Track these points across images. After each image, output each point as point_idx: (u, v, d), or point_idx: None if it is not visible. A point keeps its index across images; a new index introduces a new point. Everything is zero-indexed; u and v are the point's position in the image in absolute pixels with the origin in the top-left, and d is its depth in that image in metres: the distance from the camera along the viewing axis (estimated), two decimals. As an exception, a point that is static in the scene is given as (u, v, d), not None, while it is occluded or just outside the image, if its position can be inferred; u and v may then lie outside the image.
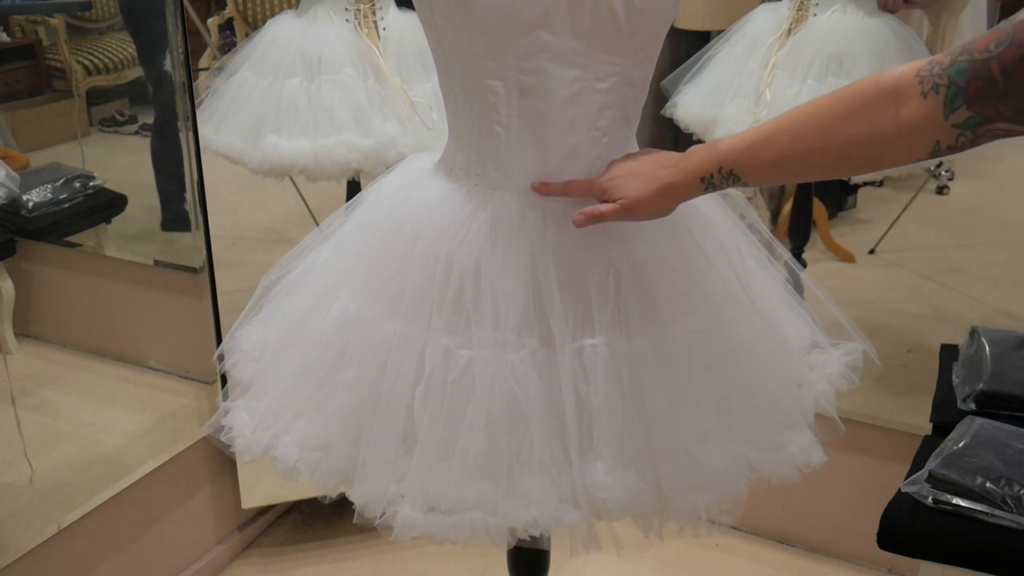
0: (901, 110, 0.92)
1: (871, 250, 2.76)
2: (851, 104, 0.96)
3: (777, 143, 1.00)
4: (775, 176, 1.04)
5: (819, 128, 0.97)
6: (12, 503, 2.02)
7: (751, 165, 1.03)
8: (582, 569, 2.30)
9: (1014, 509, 1.51)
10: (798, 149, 0.99)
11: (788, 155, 1.00)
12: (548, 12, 1.07)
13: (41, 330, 2.52)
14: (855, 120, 0.95)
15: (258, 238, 2.61)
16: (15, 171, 2.19)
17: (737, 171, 1.03)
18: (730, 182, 1.04)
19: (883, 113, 0.93)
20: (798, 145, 0.99)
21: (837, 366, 1.31)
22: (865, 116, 0.94)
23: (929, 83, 0.91)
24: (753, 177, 1.03)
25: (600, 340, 1.14)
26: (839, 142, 0.96)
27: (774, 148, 1.01)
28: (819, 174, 1.04)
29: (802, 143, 0.99)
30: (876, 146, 0.94)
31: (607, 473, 1.11)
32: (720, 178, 1.05)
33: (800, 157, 0.99)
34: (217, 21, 2.48)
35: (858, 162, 0.97)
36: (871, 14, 2.17)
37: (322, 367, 1.21)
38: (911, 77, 0.92)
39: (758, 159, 1.02)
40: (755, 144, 1.02)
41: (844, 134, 0.95)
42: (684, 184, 1.07)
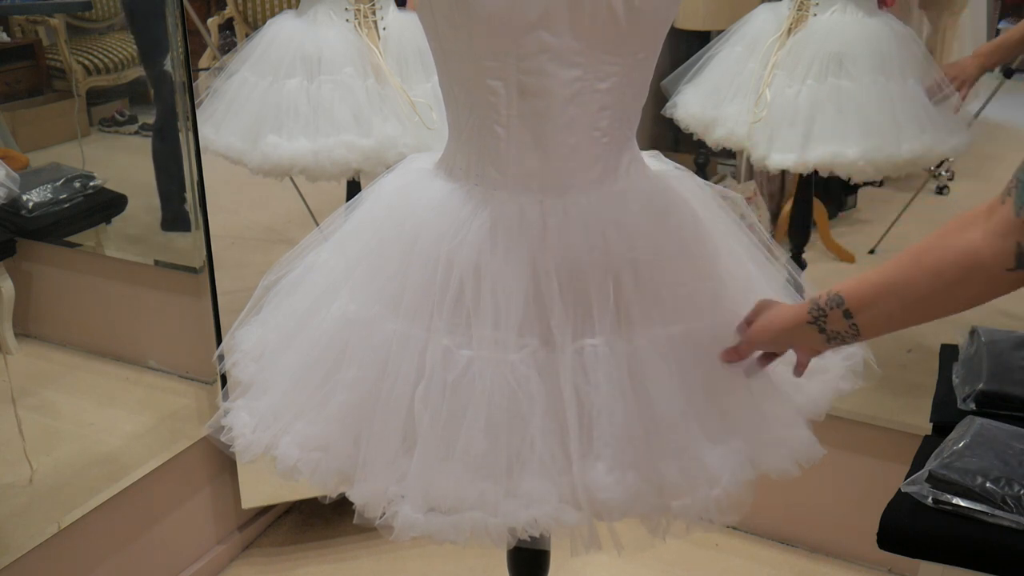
0: (988, 222, 0.96)
1: (871, 250, 2.76)
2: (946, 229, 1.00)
3: (879, 270, 1.05)
4: (875, 302, 1.05)
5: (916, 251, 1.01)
6: (12, 503, 2.02)
7: (854, 288, 1.06)
8: (582, 569, 2.30)
9: (1014, 509, 1.51)
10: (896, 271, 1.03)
11: (887, 277, 1.03)
12: (548, 12, 1.07)
13: (41, 330, 2.52)
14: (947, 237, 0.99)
15: (258, 238, 2.61)
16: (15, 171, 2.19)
17: (842, 292, 1.07)
18: (834, 304, 1.07)
19: (973, 228, 0.97)
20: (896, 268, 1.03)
21: (837, 369, 1.31)
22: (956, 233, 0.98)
23: (1005, 191, 0.95)
24: (855, 300, 1.06)
25: (600, 340, 1.14)
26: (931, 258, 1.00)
27: (876, 273, 1.05)
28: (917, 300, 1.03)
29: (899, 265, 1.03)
30: (964, 257, 0.97)
31: (608, 473, 1.11)
32: (826, 299, 1.08)
33: (897, 278, 1.02)
34: (217, 21, 2.49)
35: (950, 279, 0.99)
36: (871, 14, 2.17)
37: (322, 367, 1.21)
38: (995, 197, 0.96)
39: (861, 283, 1.06)
40: (864, 274, 1.06)
41: (936, 251, 0.99)
42: (793, 311, 1.12)
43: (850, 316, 1.06)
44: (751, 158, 2.22)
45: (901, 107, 2.11)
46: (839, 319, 1.07)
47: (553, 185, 1.17)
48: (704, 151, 2.80)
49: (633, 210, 1.19)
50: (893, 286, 1.02)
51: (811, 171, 2.16)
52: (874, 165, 2.10)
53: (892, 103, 2.11)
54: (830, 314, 1.07)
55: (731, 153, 2.64)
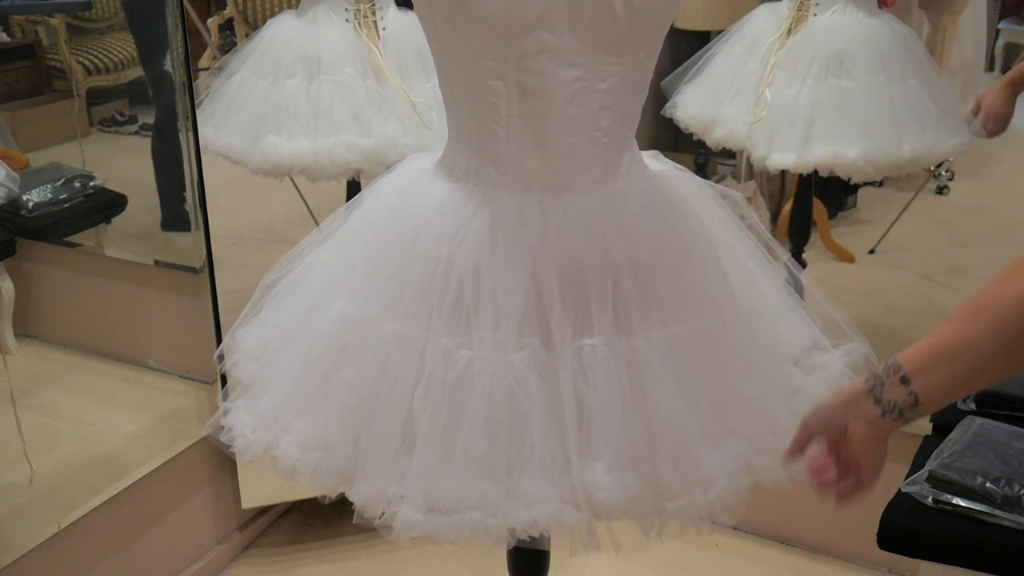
0: None
1: (871, 250, 2.76)
2: (997, 279, 0.94)
3: (935, 332, 0.97)
4: (936, 365, 0.96)
5: (971, 306, 0.95)
6: (12, 503, 2.02)
7: (912, 354, 0.97)
8: (582, 569, 2.30)
9: (1014, 509, 1.51)
10: (954, 329, 0.96)
11: (946, 337, 0.96)
12: (548, 12, 1.07)
13: (41, 330, 2.52)
14: (1001, 286, 0.93)
15: (258, 238, 2.61)
16: (15, 171, 2.20)
17: (900, 358, 0.98)
18: (892, 372, 0.97)
19: None
20: (953, 326, 0.96)
21: (838, 367, 1.31)
22: (1010, 280, 0.93)
23: None
24: (914, 366, 0.97)
25: (600, 340, 1.14)
26: (988, 309, 0.93)
27: (933, 336, 0.97)
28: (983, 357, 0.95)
29: (957, 322, 0.95)
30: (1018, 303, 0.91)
31: (606, 473, 1.11)
32: (884, 367, 0.98)
33: (957, 336, 0.95)
34: (217, 21, 2.48)
35: (1014, 328, 0.92)
36: (871, 14, 2.17)
37: (322, 367, 1.21)
38: None
39: (919, 348, 0.97)
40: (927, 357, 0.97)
41: (993, 301, 0.93)
42: (851, 385, 1.01)
43: (908, 382, 0.96)
44: (751, 158, 2.22)
45: (901, 107, 2.11)
46: (896, 386, 0.97)
47: (553, 185, 1.17)
48: (704, 151, 2.80)
49: (633, 210, 1.19)
50: (953, 347, 0.94)
51: (811, 171, 2.16)
52: (874, 165, 2.10)
53: (892, 103, 2.11)
54: (887, 382, 0.98)
55: (731, 153, 2.64)
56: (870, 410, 0.99)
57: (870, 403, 0.99)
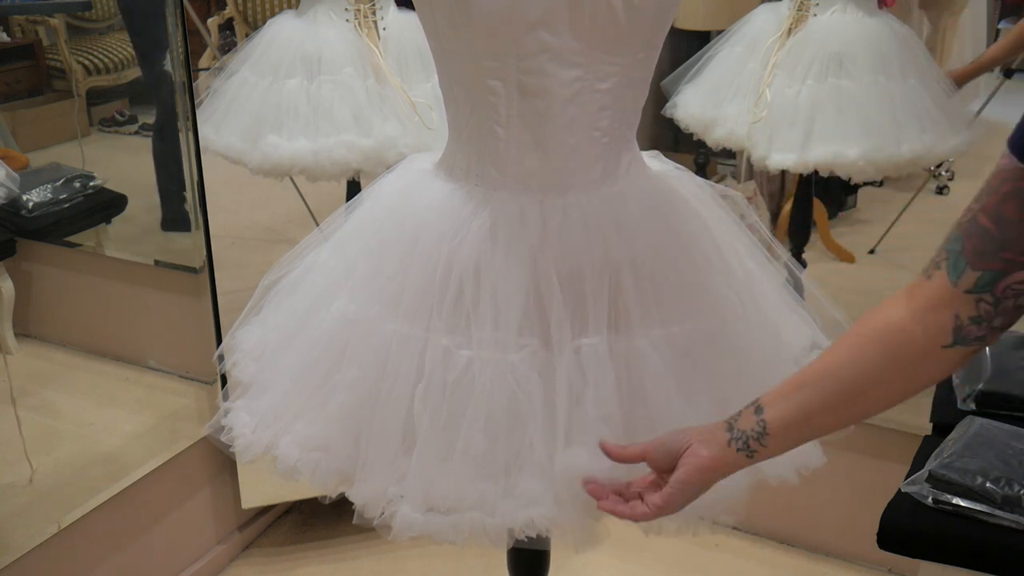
0: (912, 300, 0.88)
1: (871, 250, 2.76)
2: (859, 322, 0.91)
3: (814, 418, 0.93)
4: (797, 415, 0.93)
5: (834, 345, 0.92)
6: (12, 503, 2.02)
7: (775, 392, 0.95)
8: (582, 569, 2.30)
9: (1014, 509, 1.51)
10: (816, 368, 0.93)
11: (807, 373, 0.93)
12: (548, 12, 1.07)
13: (41, 330, 2.52)
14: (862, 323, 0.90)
15: (258, 238, 2.61)
16: (15, 171, 2.20)
17: (761, 401, 0.94)
18: (752, 402, 0.96)
19: (892, 308, 0.89)
20: (816, 365, 0.93)
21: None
22: (870, 317, 0.90)
23: (931, 266, 0.88)
24: (768, 396, 0.94)
25: (599, 340, 1.14)
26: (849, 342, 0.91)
27: (796, 376, 0.94)
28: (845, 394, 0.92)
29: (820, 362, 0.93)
30: (889, 337, 0.88)
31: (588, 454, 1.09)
32: (750, 407, 0.95)
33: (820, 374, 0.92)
34: (217, 21, 2.49)
35: (880, 363, 0.89)
36: (871, 14, 2.17)
37: (322, 367, 1.21)
38: (916, 278, 0.89)
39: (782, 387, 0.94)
40: (786, 388, 0.94)
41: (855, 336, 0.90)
42: (708, 430, 0.98)
43: (760, 412, 0.93)
44: (751, 158, 2.22)
45: (901, 107, 2.11)
46: (750, 416, 0.94)
47: (553, 185, 1.17)
48: (704, 151, 2.80)
49: (633, 210, 1.19)
50: (810, 376, 0.92)
51: (811, 171, 2.16)
52: (874, 165, 2.10)
53: (892, 103, 2.11)
54: (744, 412, 0.95)
55: (731, 153, 2.64)
56: (720, 435, 0.96)
57: (723, 430, 0.96)
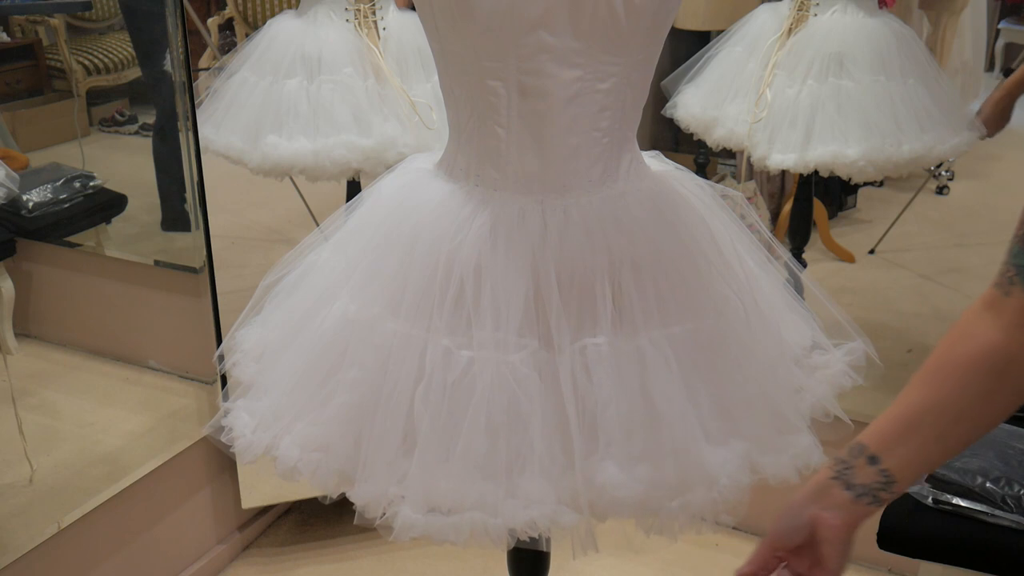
0: (997, 318, 0.87)
1: (871, 250, 2.76)
2: (948, 340, 0.89)
3: (895, 404, 0.91)
4: (904, 439, 0.90)
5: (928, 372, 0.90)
6: (12, 503, 2.02)
7: (875, 431, 0.92)
8: (582, 569, 2.30)
9: (1014, 509, 1.51)
10: (916, 398, 0.90)
11: (910, 407, 0.90)
12: (548, 12, 1.07)
13: (41, 330, 2.52)
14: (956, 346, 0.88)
15: (258, 238, 2.61)
16: (15, 171, 2.20)
17: (863, 439, 0.91)
18: (858, 453, 0.91)
19: (980, 328, 0.88)
20: (915, 394, 0.90)
21: (839, 366, 1.31)
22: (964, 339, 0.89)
23: (1004, 282, 0.87)
24: (880, 443, 0.91)
25: (602, 339, 1.14)
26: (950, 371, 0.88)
27: (894, 408, 0.91)
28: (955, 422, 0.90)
29: (918, 390, 0.90)
30: (988, 359, 0.86)
31: (621, 471, 1.11)
32: (848, 450, 0.92)
33: (922, 405, 0.90)
34: (217, 21, 2.49)
35: (983, 388, 0.88)
36: (871, 14, 2.17)
37: (323, 367, 1.21)
38: (990, 291, 0.88)
39: (881, 423, 0.92)
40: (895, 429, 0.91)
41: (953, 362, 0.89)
42: (813, 477, 0.94)
43: (877, 462, 0.90)
44: (751, 158, 2.22)
45: (901, 107, 2.11)
46: (865, 468, 0.91)
47: (553, 186, 1.17)
48: (704, 151, 2.80)
49: (634, 210, 1.19)
50: (918, 416, 0.89)
51: (811, 171, 2.16)
52: (874, 165, 2.10)
53: (892, 103, 2.11)
54: (855, 465, 0.91)
55: (731, 153, 2.64)
56: (842, 495, 0.92)
57: (840, 488, 0.92)
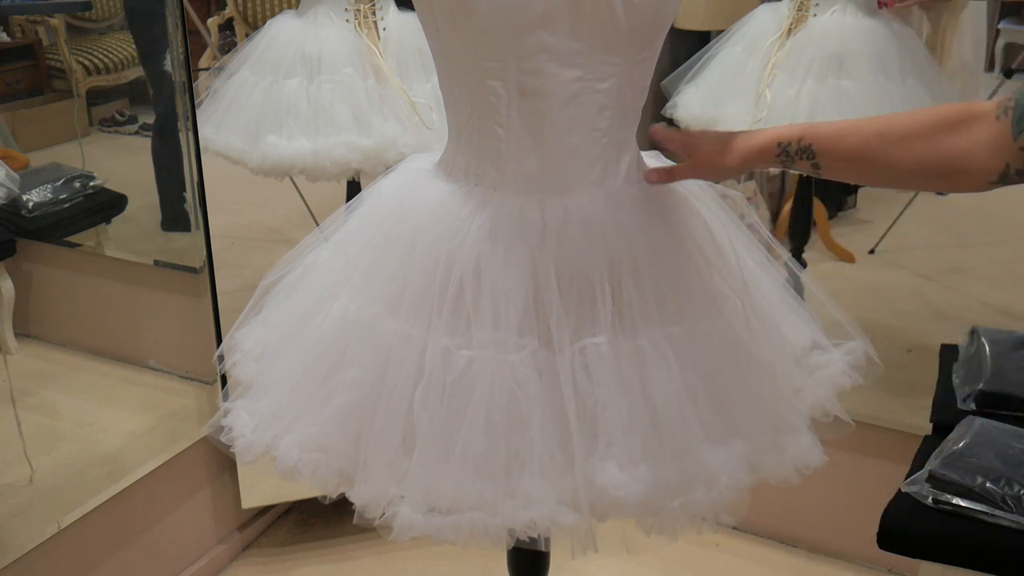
0: (981, 131, 0.95)
1: (871, 250, 2.76)
2: (941, 118, 0.99)
3: (861, 134, 1.03)
4: (848, 168, 1.06)
5: (905, 131, 1.00)
6: (12, 503, 2.02)
7: (830, 149, 1.04)
8: (582, 569, 2.30)
9: (1014, 509, 1.51)
10: (880, 146, 1.01)
11: (868, 149, 1.02)
12: (548, 12, 1.07)
13: (41, 330, 2.52)
14: (941, 131, 0.98)
15: (258, 238, 2.61)
16: (15, 171, 2.20)
17: (816, 147, 1.04)
18: (805, 157, 1.05)
19: (967, 131, 0.96)
20: (881, 142, 1.01)
21: (839, 365, 1.31)
22: (951, 130, 0.97)
23: (1002, 106, 0.94)
24: (828, 161, 1.05)
25: (602, 339, 1.14)
26: (920, 148, 0.99)
27: (857, 138, 1.03)
28: (890, 179, 1.05)
29: (885, 141, 1.01)
30: (952, 161, 0.97)
31: (620, 471, 1.11)
32: (797, 149, 1.05)
33: (878, 155, 1.01)
34: (217, 21, 2.49)
35: (932, 174, 1.00)
36: (871, 14, 2.17)
37: (323, 367, 1.21)
38: (995, 102, 0.95)
39: (839, 144, 1.04)
40: (841, 130, 1.04)
41: (927, 142, 0.98)
42: (759, 143, 1.09)
43: (817, 167, 1.06)
44: (751, 158, 2.22)
45: (901, 107, 2.11)
46: (804, 164, 1.06)
47: (553, 185, 1.17)
48: (704, 151, 2.80)
49: (633, 210, 1.19)
50: (872, 160, 1.02)
51: (811, 171, 2.16)
52: (874, 165, 2.10)
53: (892, 103, 2.11)
54: (797, 162, 1.07)
55: (731, 153, 2.63)
56: (771, 154, 1.07)
57: (773, 153, 1.07)
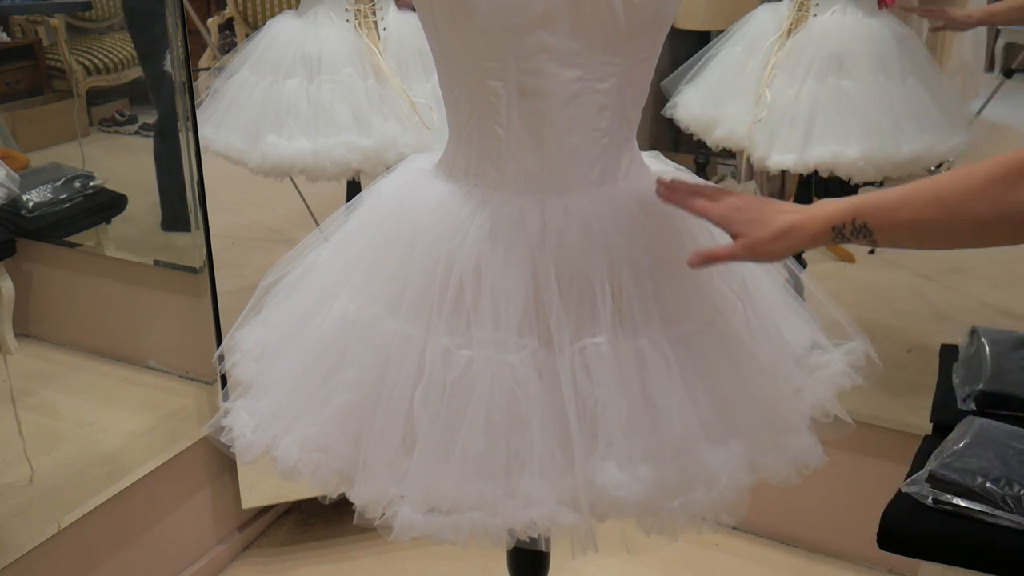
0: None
1: (871, 250, 2.76)
2: (996, 172, 0.93)
3: (915, 204, 0.97)
4: (907, 239, 1.00)
5: (961, 194, 0.95)
6: (12, 503, 2.02)
7: (887, 222, 0.99)
8: (582, 569, 2.30)
9: (1014, 509, 1.51)
10: (936, 212, 0.96)
11: (926, 218, 0.96)
12: (548, 12, 1.07)
13: (41, 330, 2.52)
14: (999, 188, 0.92)
15: (258, 238, 2.61)
16: (15, 171, 2.20)
17: (871, 225, 0.99)
18: (861, 236, 1.00)
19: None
20: (937, 208, 0.96)
21: (839, 365, 1.31)
22: (1009, 185, 0.92)
23: None
24: (885, 235, 1.00)
25: (602, 339, 1.14)
26: (980, 208, 0.93)
27: (912, 209, 0.97)
28: (954, 242, 0.99)
29: (942, 207, 0.95)
30: (1018, 212, 0.92)
31: (620, 471, 1.11)
32: (851, 230, 1.01)
33: (938, 222, 0.96)
34: (217, 21, 2.49)
35: (996, 232, 0.94)
36: (871, 14, 2.17)
37: (323, 367, 1.21)
38: None
39: (895, 218, 0.99)
40: (895, 202, 0.99)
41: (985, 200, 0.93)
42: (811, 228, 1.03)
43: (875, 242, 1.01)
44: (751, 158, 2.22)
45: (901, 107, 2.11)
46: (861, 241, 1.02)
47: (553, 185, 1.17)
48: (704, 151, 2.80)
49: (633, 210, 1.19)
50: (931, 228, 0.96)
51: (811, 171, 2.16)
52: (874, 165, 2.10)
53: (892, 103, 2.11)
54: (853, 240, 1.02)
55: (731, 153, 2.64)
56: (826, 238, 1.03)
57: (828, 236, 1.03)
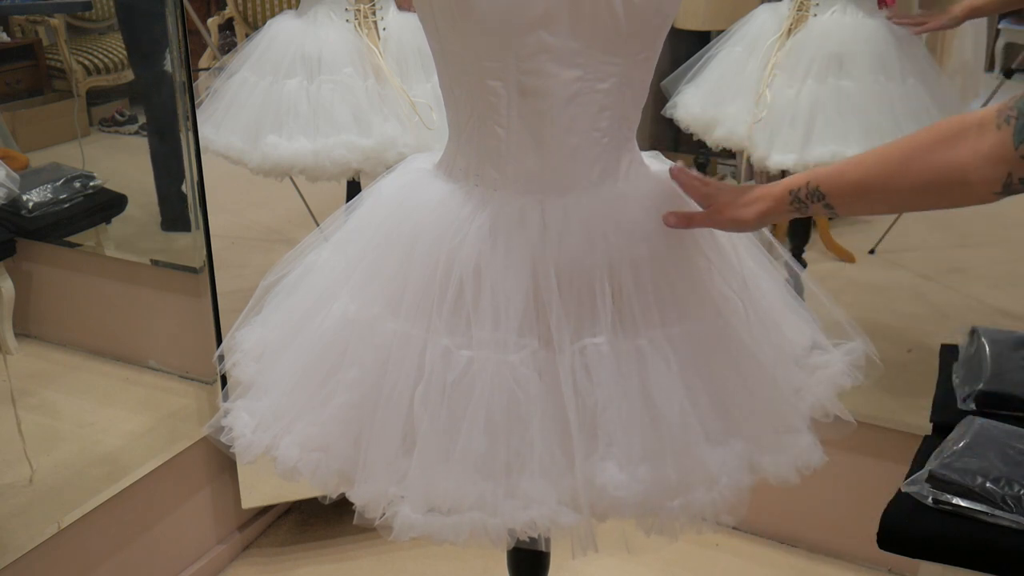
0: (979, 141, 0.95)
1: (871, 250, 2.76)
2: (936, 135, 1.00)
3: (862, 166, 1.06)
4: (856, 200, 1.08)
5: (903, 154, 1.02)
6: (12, 503, 2.02)
7: (836, 185, 1.08)
8: (582, 569, 2.30)
9: (1014, 509, 1.51)
10: (881, 173, 1.04)
11: (871, 178, 1.04)
12: (548, 12, 1.07)
13: (41, 330, 2.52)
14: (937, 148, 0.99)
15: (258, 238, 2.61)
16: (15, 171, 2.20)
17: (823, 188, 1.08)
18: (815, 199, 1.08)
19: (963, 143, 0.97)
20: (881, 169, 1.04)
21: (839, 365, 1.31)
22: (946, 145, 0.98)
23: (1003, 115, 0.94)
24: (837, 199, 1.08)
25: (602, 339, 1.14)
26: (918, 167, 1.00)
27: (858, 170, 1.06)
28: (898, 203, 1.09)
29: (885, 167, 1.03)
30: (952, 173, 0.98)
31: (620, 471, 1.11)
32: (806, 193, 1.09)
33: (881, 181, 1.04)
34: (217, 21, 2.49)
35: (934, 191, 1.00)
36: (871, 14, 2.17)
37: (323, 367, 1.21)
38: (993, 111, 0.95)
39: (843, 179, 1.07)
40: (844, 165, 1.08)
41: (924, 160, 1.00)
42: (772, 193, 1.12)
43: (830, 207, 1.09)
44: (751, 158, 2.22)
45: (901, 107, 2.11)
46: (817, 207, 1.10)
47: (553, 185, 1.17)
48: (704, 151, 2.80)
49: (633, 211, 1.19)
50: (875, 188, 1.04)
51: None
52: (874, 165, 2.10)
53: (892, 103, 2.11)
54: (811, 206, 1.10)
55: (731, 153, 2.64)
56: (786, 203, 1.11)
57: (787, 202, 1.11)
